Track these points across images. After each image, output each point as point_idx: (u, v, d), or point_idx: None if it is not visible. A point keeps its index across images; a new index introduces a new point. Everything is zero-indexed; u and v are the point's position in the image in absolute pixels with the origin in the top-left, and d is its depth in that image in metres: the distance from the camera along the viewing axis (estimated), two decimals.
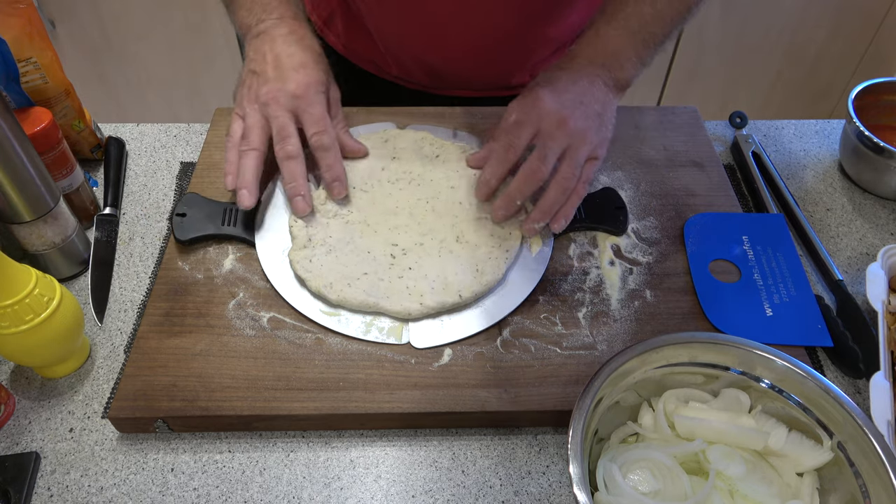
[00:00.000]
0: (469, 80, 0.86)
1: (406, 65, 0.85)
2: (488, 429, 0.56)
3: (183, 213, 0.66)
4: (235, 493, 0.52)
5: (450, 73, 0.85)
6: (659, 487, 0.46)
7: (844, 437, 0.46)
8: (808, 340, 0.59)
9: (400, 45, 0.83)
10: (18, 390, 0.58)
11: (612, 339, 0.59)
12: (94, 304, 0.64)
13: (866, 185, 0.76)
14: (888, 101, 0.77)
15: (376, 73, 0.89)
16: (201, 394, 0.55)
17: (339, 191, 0.65)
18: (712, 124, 0.83)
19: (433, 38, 0.80)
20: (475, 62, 0.83)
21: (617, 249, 0.66)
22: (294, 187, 0.63)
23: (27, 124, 0.62)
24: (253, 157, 0.63)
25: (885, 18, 1.66)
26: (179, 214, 0.66)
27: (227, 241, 0.65)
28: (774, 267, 0.64)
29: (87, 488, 0.53)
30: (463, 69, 0.84)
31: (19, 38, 0.64)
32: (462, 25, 0.77)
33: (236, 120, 0.66)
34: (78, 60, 1.66)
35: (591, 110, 0.64)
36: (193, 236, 0.64)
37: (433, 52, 0.82)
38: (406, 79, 0.88)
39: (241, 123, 0.65)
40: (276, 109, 0.64)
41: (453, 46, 0.80)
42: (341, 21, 0.87)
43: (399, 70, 0.87)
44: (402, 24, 0.80)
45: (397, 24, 0.80)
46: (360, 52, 0.88)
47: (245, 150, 0.63)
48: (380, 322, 0.59)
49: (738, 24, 1.65)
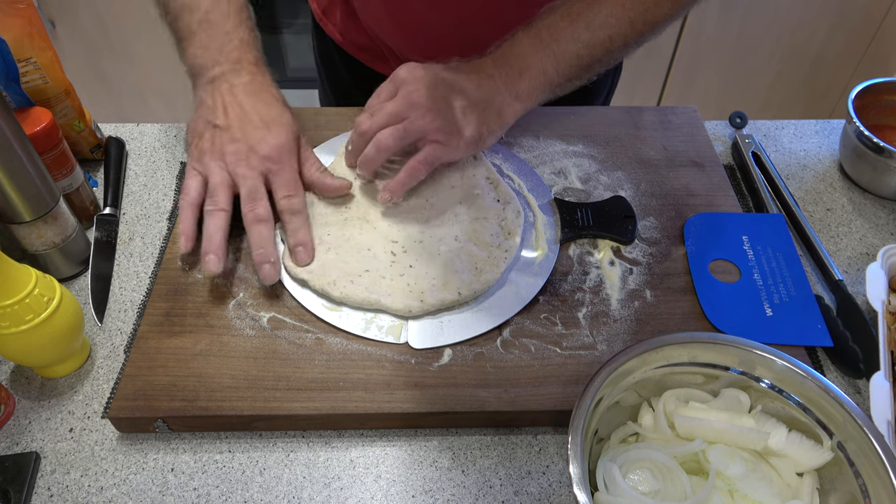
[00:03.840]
0: None
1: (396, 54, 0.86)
2: (488, 429, 0.56)
3: None
4: (235, 493, 0.53)
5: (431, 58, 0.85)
6: (659, 487, 0.46)
7: (844, 437, 0.46)
8: (808, 340, 0.59)
9: (390, 38, 0.83)
10: (18, 390, 0.59)
11: (612, 339, 0.59)
12: (94, 304, 0.64)
13: (866, 185, 0.76)
14: (888, 101, 0.77)
15: (371, 63, 0.89)
16: (201, 394, 0.55)
17: (303, 257, 0.61)
18: (712, 124, 0.83)
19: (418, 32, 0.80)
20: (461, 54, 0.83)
21: (617, 249, 0.66)
22: (262, 254, 0.59)
23: (27, 124, 0.62)
24: (221, 218, 0.60)
25: (885, 18, 1.66)
26: None
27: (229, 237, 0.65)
28: (774, 267, 0.64)
29: (87, 488, 0.53)
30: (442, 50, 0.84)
31: (19, 38, 0.64)
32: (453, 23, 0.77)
33: (194, 176, 0.62)
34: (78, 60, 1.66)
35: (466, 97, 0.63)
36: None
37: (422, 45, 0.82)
38: None
39: (199, 180, 0.62)
40: (245, 170, 0.61)
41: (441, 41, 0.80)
42: (339, 11, 0.86)
43: (394, 62, 0.87)
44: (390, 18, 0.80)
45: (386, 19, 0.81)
46: (357, 41, 0.88)
47: (212, 210, 0.60)
48: (380, 320, 0.59)
49: (738, 24, 1.65)
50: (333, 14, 0.88)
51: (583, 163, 0.74)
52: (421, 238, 0.64)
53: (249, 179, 0.61)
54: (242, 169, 0.61)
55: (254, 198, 0.61)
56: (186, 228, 0.61)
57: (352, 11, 0.85)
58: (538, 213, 0.68)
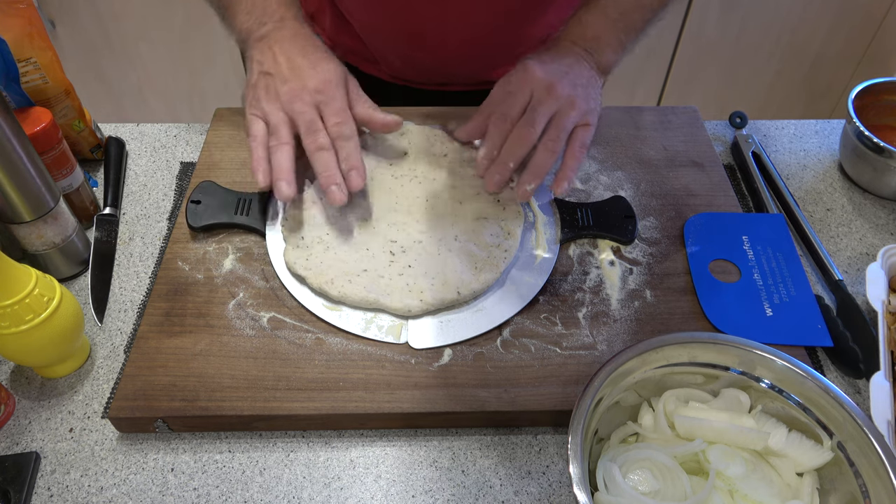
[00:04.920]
0: (454, 75, 0.88)
1: (390, 60, 0.87)
2: (488, 429, 0.56)
3: (197, 201, 0.67)
4: (235, 493, 0.53)
5: (433, 69, 0.86)
6: (659, 487, 0.46)
7: (844, 437, 0.46)
8: (808, 340, 0.59)
9: (384, 42, 0.84)
10: (18, 390, 0.58)
11: (612, 339, 0.59)
12: (94, 304, 0.64)
13: (866, 185, 0.76)
14: (888, 101, 0.77)
15: (361, 67, 0.90)
16: (201, 394, 0.55)
17: (357, 181, 0.63)
18: (712, 124, 0.83)
19: (415, 37, 0.81)
20: (458, 59, 0.84)
21: (617, 249, 0.66)
22: (329, 176, 0.62)
23: (27, 124, 0.62)
24: (286, 151, 0.63)
25: (885, 18, 1.66)
26: (194, 201, 0.67)
27: (229, 239, 0.66)
28: (774, 267, 0.64)
29: (87, 488, 0.53)
30: (446, 65, 0.86)
31: (19, 38, 0.64)
32: (444, 24, 0.79)
33: (255, 120, 0.66)
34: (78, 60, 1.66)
35: (577, 80, 0.66)
36: (206, 223, 0.65)
37: (416, 49, 0.83)
38: (391, 73, 0.89)
39: (261, 123, 0.65)
40: (301, 106, 0.64)
41: (435, 44, 0.82)
42: (328, 16, 0.88)
43: (385, 65, 0.88)
44: (386, 22, 0.81)
45: (381, 22, 0.81)
46: (347, 46, 0.88)
47: (276, 145, 0.63)
48: (379, 320, 0.59)
49: (738, 24, 1.65)
50: (322, 19, 0.89)
51: (583, 163, 0.74)
52: (420, 238, 0.64)
53: (306, 114, 0.64)
54: (298, 105, 0.64)
55: (312, 129, 0.64)
56: (260, 164, 0.63)
57: (341, 16, 0.85)
58: (538, 213, 0.68)
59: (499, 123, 0.65)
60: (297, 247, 0.63)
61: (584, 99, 0.65)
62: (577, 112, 0.64)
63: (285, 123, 0.64)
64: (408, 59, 0.85)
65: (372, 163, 0.70)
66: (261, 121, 0.66)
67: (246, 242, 0.66)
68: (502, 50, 0.84)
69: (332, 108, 0.65)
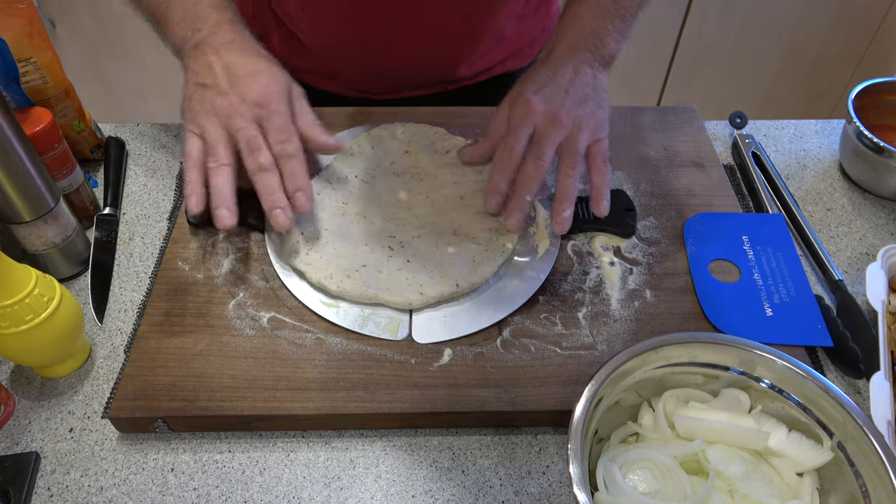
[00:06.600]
0: (415, 79, 0.86)
1: (349, 73, 0.84)
2: (488, 429, 0.56)
3: None
4: (235, 493, 0.53)
5: (394, 75, 0.84)
6: (659, 487, 0.46)
7: (844, 437, 0.46)
8: (808, 340, 0.59)
9: (341, 56, 0.82)
10: (18, 390, 0.59)
11: (612, 339, 0.59)
12: (94, 304, 0.64)
13: (866, 185, 0.76)
14: (888, 101, 0.77)
15: (316, 85, 0.87)
16: (201, 394, 0.55)
17: (303, 203, 0.59)
18: (712, 124, 0.83)
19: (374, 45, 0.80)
20: (418, 61, 0.83)
21: (617, 249, 0.66)
22: (273, 200, 0.59)
23: (27, 124, 0.62)
24: (226, 174, 0.59)
25: (885, 18, 1.66)
26: None
27: (229, 239, 0.66)
28: (774, 267, 0.64)
29: (87, 488, 0.53)
30: (407, 69, 0.84)
31: (19, 38, 0.64)
32: (401, 28, 0.78)
33: (192, 137, 0.61)
34: (78, 60, 1.66)
35: (579, 95, 0.64)
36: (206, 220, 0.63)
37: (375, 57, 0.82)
38: (351, 87, 0.87)
39: (198, 141, 0.61)
40: (239, 121, 0.60)
41: (394, 50, 0.80)
42: (277, 37, 0.85)
43: (343, 80, 0.86)
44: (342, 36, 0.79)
45: (336, 37, 0.80)
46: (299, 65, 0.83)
47: (214, 166, 0.59)
48: (377, 317, 0.59)
49: (738, 23, 1.65)
50: (271, 40, 0.85)
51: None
52: (419, 233, 0.64)
53: (245, 130, 0.60)
54: (236, 121, 0.60)
55: (253, 147, 0.60)
56: (194, 189, 0.59)
57: (291, 36, 0.83)
58: (539, 207, 0.68)
59: (505, 158, 0.63)
60: (297, 242, 0.63)
61: (591, 115, 0.64)
62: (587, 132, 0.63)
63: (224, 141, 0.60)
64: (367, 69, 0.83)
65: (372, 161, 0.70)
66: (197, 138, 0.61)
67: (246, 242, 0.66)
68: (463, 47, 0.83)
69: (274, 123, 0.60)
